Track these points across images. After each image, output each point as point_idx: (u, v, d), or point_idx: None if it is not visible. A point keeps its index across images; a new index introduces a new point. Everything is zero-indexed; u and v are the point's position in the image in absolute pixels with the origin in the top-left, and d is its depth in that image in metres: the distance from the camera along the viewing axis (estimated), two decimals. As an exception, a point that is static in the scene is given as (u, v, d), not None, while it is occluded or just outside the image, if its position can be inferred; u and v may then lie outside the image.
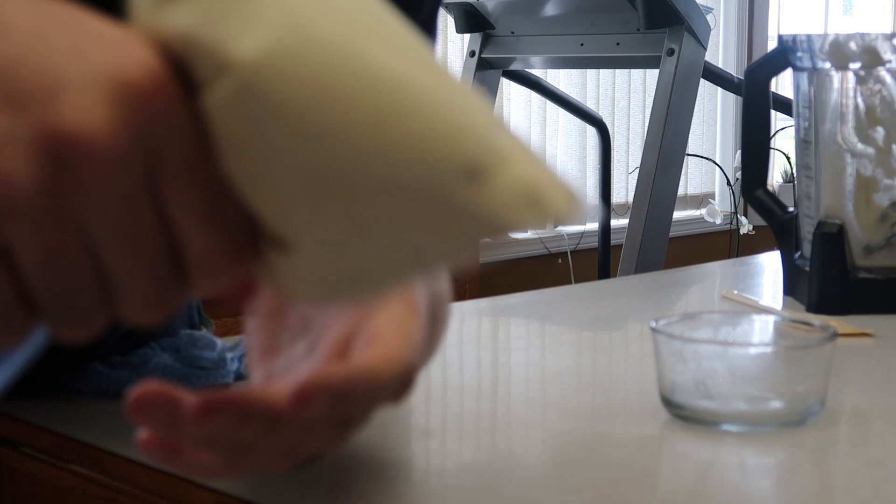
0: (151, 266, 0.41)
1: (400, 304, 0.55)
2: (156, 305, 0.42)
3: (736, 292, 1.17)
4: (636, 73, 4.15)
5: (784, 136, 3.98)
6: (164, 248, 0.41)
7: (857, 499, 0.63)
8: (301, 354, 0.59)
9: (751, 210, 2.92)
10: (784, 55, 1.15)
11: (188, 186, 0.40)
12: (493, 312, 1.16)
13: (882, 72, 1.06)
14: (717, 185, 4.48)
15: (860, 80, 1.07)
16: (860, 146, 1.08)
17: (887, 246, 1.09)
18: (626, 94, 4.17)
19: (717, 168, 4.33)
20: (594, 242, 3.55)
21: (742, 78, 1.27)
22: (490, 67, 3.09)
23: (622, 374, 0.95)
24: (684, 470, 0.70)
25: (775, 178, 4.42)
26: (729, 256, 4.04)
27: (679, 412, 0.74)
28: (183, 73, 0.38)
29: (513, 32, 3.00)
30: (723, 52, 4.56)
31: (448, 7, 3.03)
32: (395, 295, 0.54)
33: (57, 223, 0.39)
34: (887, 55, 1.06)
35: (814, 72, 1.10)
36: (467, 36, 3.14)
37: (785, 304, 1.15)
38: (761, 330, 0.83)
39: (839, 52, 1.08)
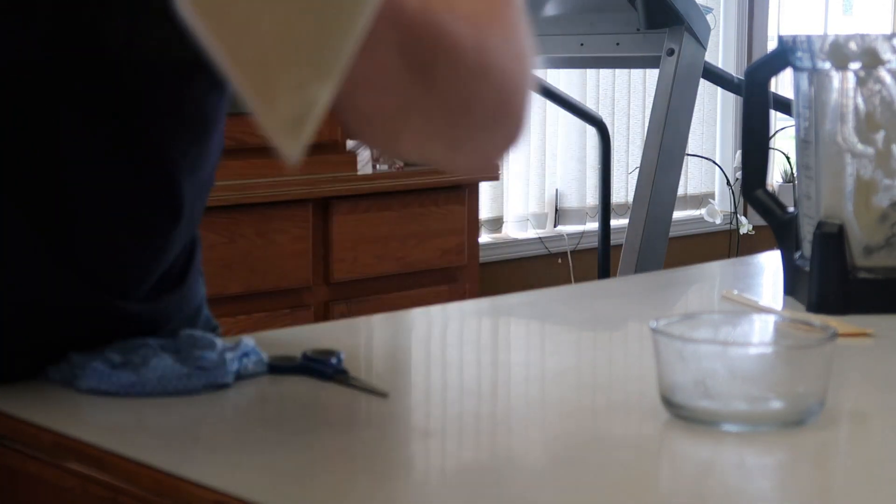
0: None
1: None
2: None
3: (736, 292, 1.17)
4: (636, 73, 4.14)
5: (784, 136, 3.97)
6: None
7: (857, 499, 0.64)
8: None
9: (751, 210, 2.92)
10: (784, 55, 1.15)
11: None
12: (493, 312, 1.16)
13: (882, 72, 1.06)
14: (717, 185, 4.47)
15: (860, 80, 1.07)
16: (860, 146, 1.08)
17: (887, 246, 1.09)
18: (626, 94, 4.17)
19: (717, 168, 4.33)
20: (594, 242, 3.54)
21: (742, 78, 1.27)
22: (490, 67, 3.08)
23: (622, 374, 0.95)
24: (684, 470, 0.70)
25: (775, 178, 4.42)
26: (729, 256, 4.04)
27: (679, 412, 0.74)
28: None
29: (513, 32, 3.00)
30: (723, 52, 4.56)
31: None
32: None
33: None
34: (887, 55, 1.06)
35: (814, 72, 1.10)
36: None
37: (785, 304, 1.15)
38: (761, 330, 0.83)
39: (839, 53, 1.08)
